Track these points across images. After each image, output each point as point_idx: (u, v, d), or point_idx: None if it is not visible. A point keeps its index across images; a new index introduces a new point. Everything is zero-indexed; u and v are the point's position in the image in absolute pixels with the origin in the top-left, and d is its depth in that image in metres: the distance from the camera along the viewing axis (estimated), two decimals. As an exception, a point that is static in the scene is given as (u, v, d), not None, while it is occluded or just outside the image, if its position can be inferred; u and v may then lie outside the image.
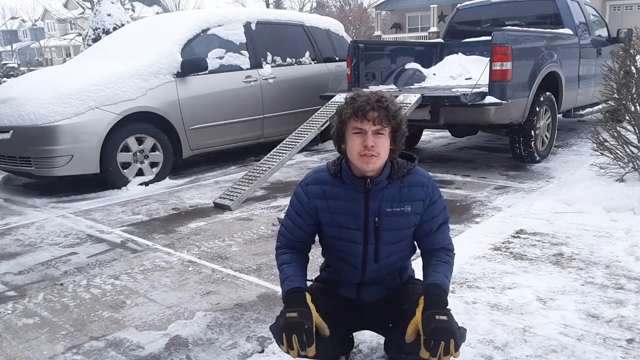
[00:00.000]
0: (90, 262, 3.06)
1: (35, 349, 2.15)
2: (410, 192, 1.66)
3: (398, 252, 1.73)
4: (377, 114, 1.56)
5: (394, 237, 1.68)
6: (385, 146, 1.60)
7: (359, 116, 1.56)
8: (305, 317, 1.53)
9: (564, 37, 5.53)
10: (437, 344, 1.44)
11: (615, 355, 1.90)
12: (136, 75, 4.77)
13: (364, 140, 1.56)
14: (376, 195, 1.64)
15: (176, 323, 2.31)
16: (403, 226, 1.68)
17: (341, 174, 1.67)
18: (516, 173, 4.81)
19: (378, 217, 1.65)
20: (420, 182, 1.69)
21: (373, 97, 1.58)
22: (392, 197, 1.65)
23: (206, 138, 5.30)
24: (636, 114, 4.03)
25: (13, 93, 4.79)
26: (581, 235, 3.08)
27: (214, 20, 5.52)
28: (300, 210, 1.73)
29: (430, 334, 1.46)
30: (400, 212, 1.66)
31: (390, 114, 1.58)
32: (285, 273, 1.68)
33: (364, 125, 1.56)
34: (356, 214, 1.66)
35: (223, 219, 3.82)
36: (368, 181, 1.63)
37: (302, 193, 1.72)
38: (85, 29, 14.52)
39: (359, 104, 1.57)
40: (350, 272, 1.75)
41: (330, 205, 1.68)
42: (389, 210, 1.65)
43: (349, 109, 1.59)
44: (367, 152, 1.56)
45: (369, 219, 1.65)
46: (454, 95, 4.50)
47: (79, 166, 4.46)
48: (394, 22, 30.27)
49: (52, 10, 41.04)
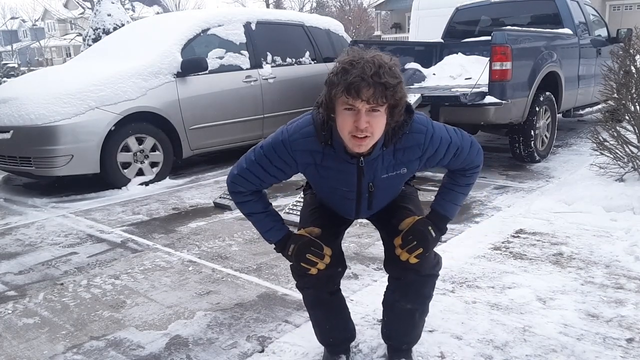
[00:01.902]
0: (90, 262, 3.06)
1: (35, 348, 2.15)
2: (406, 155, 1.54)
3: (394, 196, 1.73)
4: (373, 91, 1.33)
5: (389, 192, 1.66)
6: (381, 124, 1.41)
7: (351, 94, 1.34)
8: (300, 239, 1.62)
9: (564, 37, 5.53)
10: (412, 240, 1.56)
11: (615, 355, 1.90)
12: (136, 75, 4.77)
13: (356, 120, 1.37)
14: (370, 166, 1.53)
15: (176, 323, 2.31)
16: (399, 183, 1.65)
17: (332, 142, 1.50)
18: (516, 173, 4.81)
19: (373, 182, 1.57)
20: (416, 141, 1.53)
21: (369, 69, 1.33)
22: (388, 164, 1.55)
23: (206, 138, 5.30)
24: (636, 114, 4.03)
25: (13, 93, 4.79)
26: (581, 235, 3.09)
27: (214, 20, 5.52)
28: (283, 167, 1.59)
29: (413, 231, 1.58)
30: (396, 175, 1.58)
31: (389, 92, 1.35)
32: (259, 228, 1.70)
33: (356, 103, 1.35)
34: (349, 182, 1.57)
35: (223, 218, 3.82)
36: (361, 159, 1.51)
37: (288, 154, 1.55)
38: (86, 29, 14.53)
39: (352, 78, 1.33)
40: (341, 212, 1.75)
41: (320, 172, 1.58)
42: (384, 176, 1.57)
43: (340, 84, 1.35)
44: (359, 134, 1.39)
45: (362, 185, 1.58)
46: (453, 95, 4.50)
47: (79, 166, 4.46)
48: (394, 22, 30.26)
49: (52, 10, 41.02)
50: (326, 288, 1.76)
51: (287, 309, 2.39)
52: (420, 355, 1.94)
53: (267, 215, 1.69)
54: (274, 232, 1.69)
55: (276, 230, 1.69)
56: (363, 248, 3.08)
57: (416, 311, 1.76)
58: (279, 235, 1.69)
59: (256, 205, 1.69)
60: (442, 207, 1.66)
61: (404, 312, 1.76)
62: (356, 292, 2.49)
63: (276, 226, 1.69)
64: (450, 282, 2.54)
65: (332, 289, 1.80)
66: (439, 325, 2.14)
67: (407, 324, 1.80)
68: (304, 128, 1.54)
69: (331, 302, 1.83)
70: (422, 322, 1.84)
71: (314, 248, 1.59)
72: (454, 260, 2.78)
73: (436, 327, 2.12)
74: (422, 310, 1.79)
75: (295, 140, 1.54)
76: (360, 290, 2.51)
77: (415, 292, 1.72)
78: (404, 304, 1.73)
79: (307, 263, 1.60)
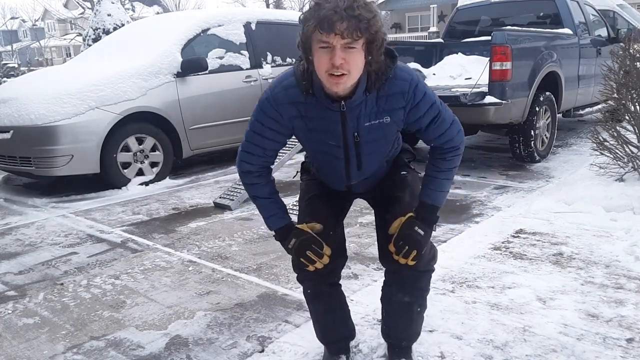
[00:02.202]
0: (90, 262, 3.06)
1: (35, 348, 2.15)
2: (388, 102, 1.51)
3: (382, 155, 1.69)
4: (347, 24, 1.31)
5: (376, 146, 1.62)
6: (358, 61, 1.38)
7: (324, 28, 1.32)
8: (302, 234, 1.63)
9: (564, 37, 5.53)
10: (403, 246, 1.57)
11: (615, 355, 1.90)
12: (136, 75, 4.77)
13: (332, 57, 1.35)
14: (353, 112, 1.51)
15: (176, 323, 2.31)
16: (384, 136, 1.60)
17: (313, 91, 1.49)
18: (516, 173, 4.81)
19: (357, 132, 1.55)
20: (400, 88, 1.50)
21: (342, 3, 1.31)
22: (370, 111, 1.51)
23: (206, 138, 5.30)
24: (636, 114, 4.03)
25: (13, 93, 4.80)
26: (581, 235, 3.09)
27: (214, 20, 5.52)
28: (276, 127, 1.58)
29: (402, 237, 1.59)
30: (379, 124, 1.54)
31: (363, 24, 1.33)
32: (263, 212, 1.70)
33: (330, 39, 1.33)
34: (334, 131, 1.55)
35: (223, 218, 3.82)
36: (343, 104, 1.48)
37: (274, 110, 1.55)
38: (86, 29, 14.53)
39: (325, 12, 1.31)
40: (334, 179, 1.73)
41: (307, 124, 1.56)
42: (367, 124, 1.53)
43: (313, 19, 1.34)
44: (335, 71, 1.36)
45: (347, 135, 1.56)
46: (453, 95, 4.50)
47: (79, 166, 4.46)
48: (394, 22, 30.24)
49: (52, 10, 41.04)
50: (326, 280, 1.78)
51: (287, 309, 2.39)
52: (420, 355, 1.94)
53: (272, 202, 1.70)
54: (276, 219, 1.70)
55: (279, 218, 1.70)
56: (363, 248, 3.08)
57: (414, 304, 1.77)
58: (280, 223, 1.70)
59: (263, 190, 1.70)
60: (428, 196, 1.65)
61: (402, 306, 1.76)
62: (356, 292, 2.49)
63: (279, 214, 1.70)
64: (450, 282, 2.54)
65: (332, 281, 1.82)
66: (439, 325, 2.14)
67: (406, 319, 1.80)
68: (285, 81, 1.55)
69: (331, 295, 1.84)
70: (420, 319, 1.84)
71: (314, 246, 1.61)
72: (454, 260, 2.78)
73: (436, 327, 2.12)
74: (420, 303, 1.79)
75: (278, 94, 1.54)
76: (360, 290, 2.51)
77: (412, 285, 1.73)
78: (401, 296, 1.75)
79: (306, 259, 1.62)
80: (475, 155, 5.74)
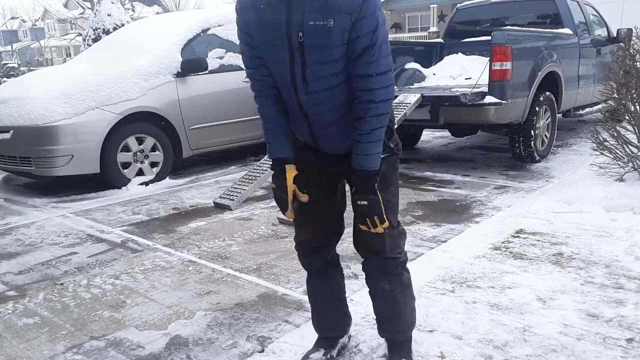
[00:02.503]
0: (90, 262, 3.06)
1: (35, 348, 2.15)
2: (337, 2, 1.43)
3: (329, 75, 1.55)
4: None
5: (319, 55, 1.51)
6: None
7: None
8: (282, 190, 1.70)
9: (564, 37, 5.53)
10: (365, 222, 1.66)
11: (615, 355, 1.91)
12: (136, 75, 4.77)
13: None
14: (300, 3, 1.45)
15: (176, 323, 2.31)
16: (327, 44, 1.48)
17: None
18: (516, 173, 4.81)
19: (301, 31, 1.47)
20: None
21: None
22: (317, 8, 1.44)
23: (206, 138, 5.30)
24: (636, 114, 4.03)
25: (13, 93, 4.80)
26: (581, 235, 3.09)
27: (214, 20, 5.52)
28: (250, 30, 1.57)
29: (357, 218, 1.69)
30: (323, 25, 1.45)
31: None
32: (268, 138, 1.71)
33: None
34: (278, 23, 1.49)
35: (223, 218, 3.82)
36: None
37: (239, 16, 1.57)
38: (85, 29, 14.53)
39: None
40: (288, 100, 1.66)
41: (259, 17, 1.52)
42: (311, 23, 1.45)
43: None
44: None
45: (291, 32, 1.48)
46: (453, 95, 4.50)
47: (79, 166, 4.46)
48: (394, 22, 30.25)
49: (52, 10, 41.08)
50: (318, 253, 1.85)
51: (287, 309, 2.39)
52: (420, 355, 1.94)
53: (277, 127, 1.69)
54: (276, 147, 1.70)
55: (279, 147, 1.70)
56: (363, 248, 3.08)
57: (394, 291, 1.80)
58: (278, 153, 1.70)
59: (270, 111, 1.68)
60: (355, 162, 1.63)
61: (383, 294, 1.82)
62: (356, 292, 2.48)
63: (280, 143, 1.70)
64: (450, 282, 2.54)
65: (326, 257, 1.89)
66: (439, 325, 2.14)
67: (391, 308, 1.83)
68: None
69: (327, 270, 1.91)
70: (408, 309, 1.86)
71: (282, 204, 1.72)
72: (454, 260, 2.78)
73: (436, 327, 2.12)
74: (401, 290, 1.81)
75: None
76: (360, 290, 2.51)
77: (381, 270, 1.79)
78: (381, 285, 1.80)
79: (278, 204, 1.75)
80: (475, 155, 5.74)
